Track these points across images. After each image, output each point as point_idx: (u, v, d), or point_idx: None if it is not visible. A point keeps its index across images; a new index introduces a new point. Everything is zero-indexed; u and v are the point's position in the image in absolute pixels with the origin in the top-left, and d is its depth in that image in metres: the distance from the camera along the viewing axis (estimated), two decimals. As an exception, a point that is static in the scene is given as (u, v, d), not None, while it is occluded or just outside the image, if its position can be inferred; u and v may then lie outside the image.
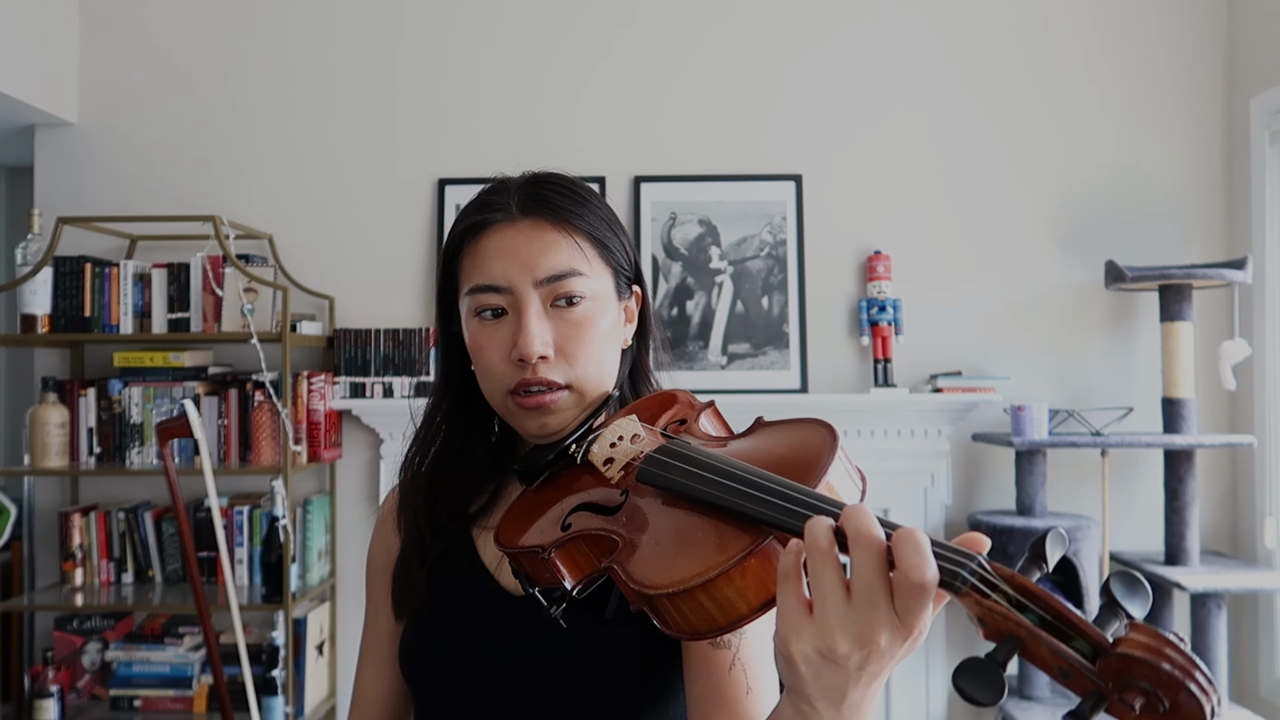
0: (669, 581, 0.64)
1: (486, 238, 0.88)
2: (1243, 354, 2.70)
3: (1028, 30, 3.02)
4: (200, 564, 2.82)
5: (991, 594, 0.53)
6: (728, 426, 0.88)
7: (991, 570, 0.54)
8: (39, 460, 2.69)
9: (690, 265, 2.99)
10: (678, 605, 0.64)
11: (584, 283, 0.87)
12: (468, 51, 3.05)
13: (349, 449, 3.00)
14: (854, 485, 0.69)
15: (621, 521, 0.75)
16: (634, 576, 0.68)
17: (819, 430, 0.72)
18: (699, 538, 0.67)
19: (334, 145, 3.04)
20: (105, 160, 3.04)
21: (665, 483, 0.72)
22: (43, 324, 2.71)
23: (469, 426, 0.98)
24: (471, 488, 0.99)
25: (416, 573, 0.95)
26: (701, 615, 0.64)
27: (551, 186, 0.90)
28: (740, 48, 3.04)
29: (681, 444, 0.76)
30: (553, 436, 0.88)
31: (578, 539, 0.76)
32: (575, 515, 0.78)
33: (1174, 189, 3.01)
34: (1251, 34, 2.91)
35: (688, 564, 0.65)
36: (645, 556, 0.69)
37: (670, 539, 0.69)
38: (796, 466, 0.68)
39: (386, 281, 3.01)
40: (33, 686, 2.70)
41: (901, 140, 3.02)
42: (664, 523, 0.71)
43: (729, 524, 0.66)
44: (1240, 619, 2.91)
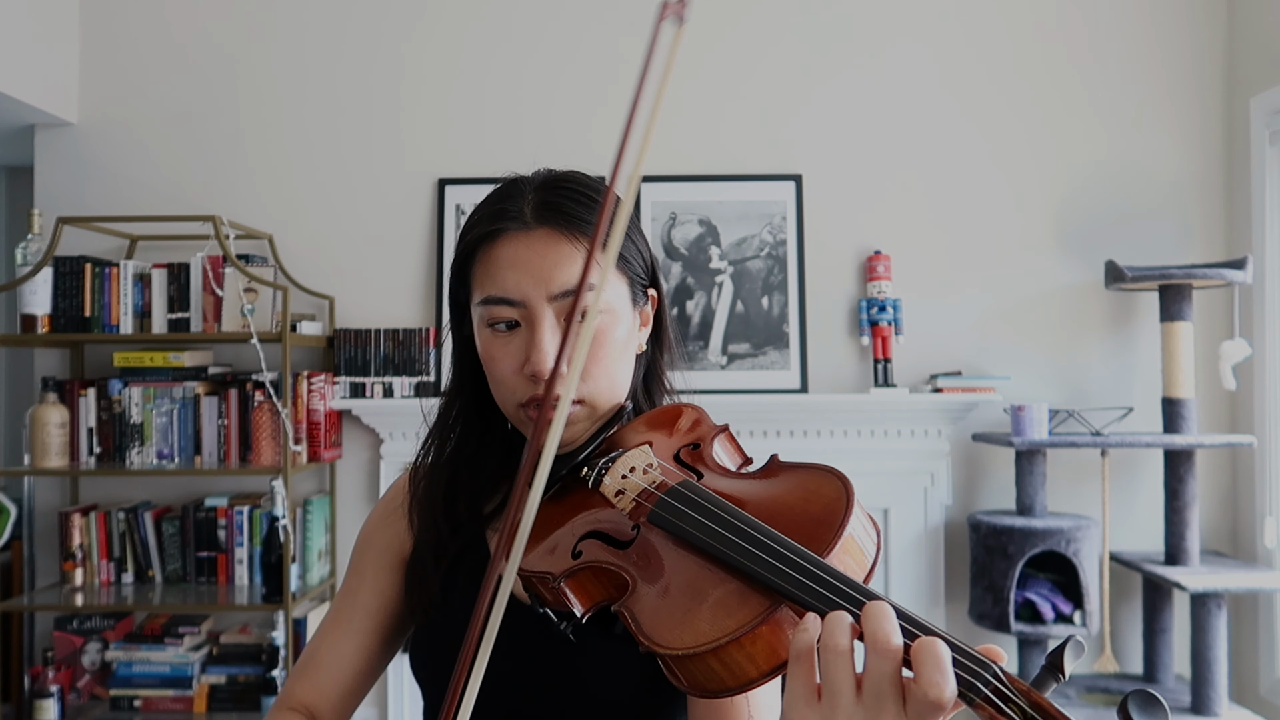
0: (679, 644, 0.64)
1: (499, 246, 0.86)
2: (1243, 354, 2.70)
3: (1028, 30, 3.02)
4: (200, 564, 2.82)
5: (1006, 708, 0.53)
6: (742, 452, 0.87)
7: (1008, 683, 0.54)
8: (39, 460, 2.69)
9: (690, 265, 2.99)
10: (685, 666, 0.64)
11: (599, 296, 0.85)
12: (467, 52, 3.05)
13: (349, 449, 3.00)
14: (869, 537, 0.69)
15: (633, 559, 0.74)
16: (644, 629, 0.67)
17: (835, 484, 0.71)
18: (711, 595, 0.66)
19: (334, 145, 3.04)
20: (105, 160, 3.04)
21: (677, 530, 0.71)
22: (43, 324, 2.71)
23: (484, 426, 0.97)
24: (487, 489, 0.98)
25: (432, 575, 0.94)
26: (710, 676, 0.63)
27: (565, 192, 0.87)
28: (741, 49, 3.04)
29: (695, 489, 0.75)
30: (565, 448, 0.88)
31: (588, 569, 0.75)
32: (586, 543, 0.77)
33: (1174, 189, 3.01)
34: (1251, 34, 2.91)
35: (699, 625, 0.64)
36: (655, 608, 0.68)
37: (681, 591, 0.68)
38: (814, 524, 0.68)
39: (386, 281, 3.01)
40: (33, 686, 2.71)
41: (901, 140, 3.02)
42: (676, 570, 0.70)
43: (742, 583, 0.65)
44: (1240, 619, 2.91)
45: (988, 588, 2.66)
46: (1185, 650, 2.73)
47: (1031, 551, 2.59)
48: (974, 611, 2.72)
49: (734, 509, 0.71)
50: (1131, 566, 2.74)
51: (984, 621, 2.67)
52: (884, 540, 2.92)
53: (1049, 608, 2.64)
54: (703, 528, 0.70)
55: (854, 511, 0.67)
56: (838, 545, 0.64)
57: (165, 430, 2.77)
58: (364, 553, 1.02)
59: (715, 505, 0.71)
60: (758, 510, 0.71)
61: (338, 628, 1.00)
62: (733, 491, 0.77)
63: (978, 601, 2.70)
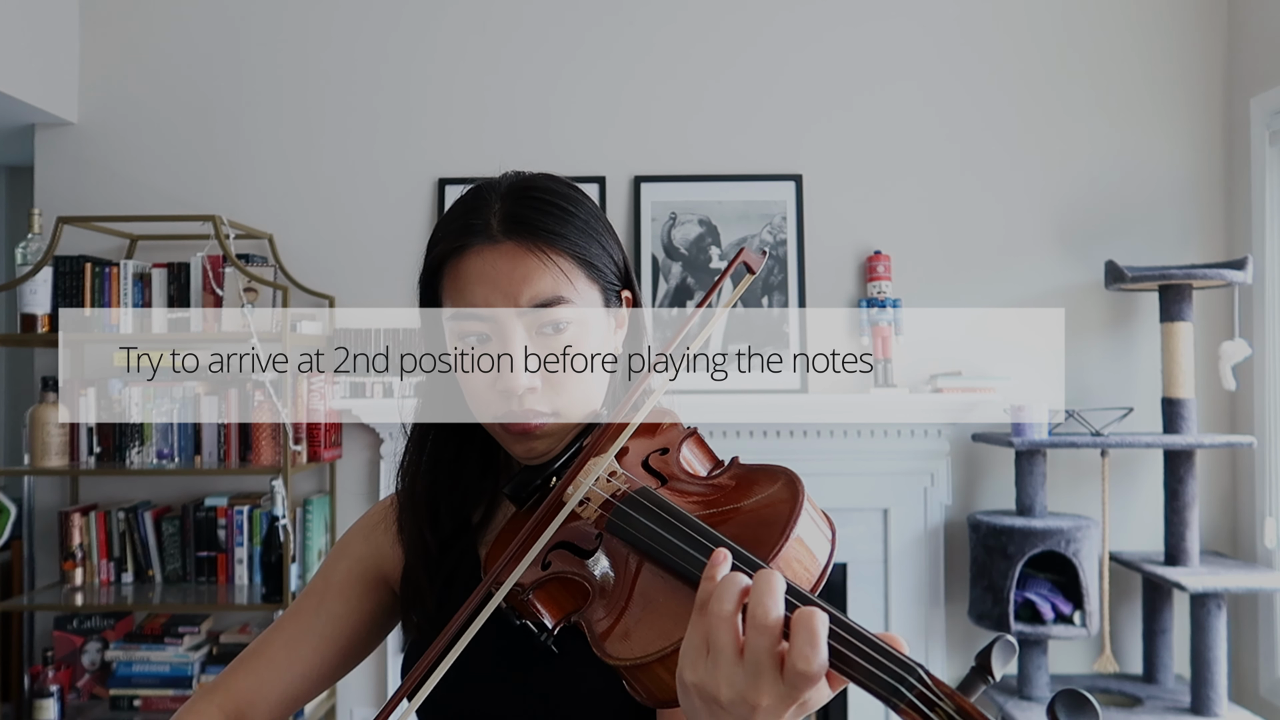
0: (627, 654, 0.65)
1: (467, 261, 0.85)
2: (1243, 354, 2.70)
3: (1028, 30, 3.02)
4: (200, 564, 2.82)
5: (930, 713, 0.53)
6: (712, 456, 0.87)
7: (934, 687, 0.53)
8: (39, 460, 2.69)
9: (690, 265, 2.99)
10: (636, 675, 0.64)
11: (569, 309, 0.85)
12: (468, 51, 3.05)
13: (349, 449, 3.00)
14: (823, 535, 0.69)
15: (593, 568, 0.74)
16: (596, 639, 0.68)
17: (784, 486, 0.71)
18: (659, 603, 0.67)
19: (334, 145, 3.04)
20: (105, 160, 3.04)
21: (631, 539, 0.72)
22: (43, 324, 2.71)
23: (461, 435, 0.95)
24: (470, 497, 0.96)
25: (426, 592, 0.92)
26: (660, 686, 0.64)
27: (532, 202, 0.86)
28: (741, 48, 3.04)
29: (650, 496, 0.75)
30: (541, 459, 0.88)
31: (555, 580, 0.76)
32: (555, 553, 0.78)
33: (1174, 189, 3.01)
34: (1251, 34, 2.91)
35: (646, 634, 0.65)
36: (608, 618, 0.69)
37: (634, 600, 0.69)
38: (763, 525, 0.68)
39: (386, 281, 3.01)
40: (33, 686, 2.71)
41: (902, 140, 3.02)
42: (630, 578, 0.71)
43: (690, 589, 0.65)
44: (1240, 619, 2.91)
45: (987, 588, 2.66)
46: (1185, 650, 2.73)
47: (1031, 551, 2.59)
48: (974, 612, 2.72)
49: (684, 515, 0.71)
50: (1131, 567, 2.74)
51: (984, 621, 2.67)
52: (884, 540, 2.93)
53: (1049, 608, 2.64)
54: (652, 534, 0.70)
55: (801, 513, 0.67)
56: (784, 548, 0.64)
57: (165, 430, 2.77)
58: (339, 560, 1.00)
59: (666, 512, 0.72)
60: (710, 516, 0.72)
61: (297, 626, 0.95)
62: (691, 495, 0.77)
63: (977, 601, 2.70)
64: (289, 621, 0.96)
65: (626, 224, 3.00)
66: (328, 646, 0.95)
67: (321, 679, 0.95)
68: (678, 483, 0.80)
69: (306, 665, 0.94)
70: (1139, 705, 2.61)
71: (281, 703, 0.93)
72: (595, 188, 2.99)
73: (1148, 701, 2.62)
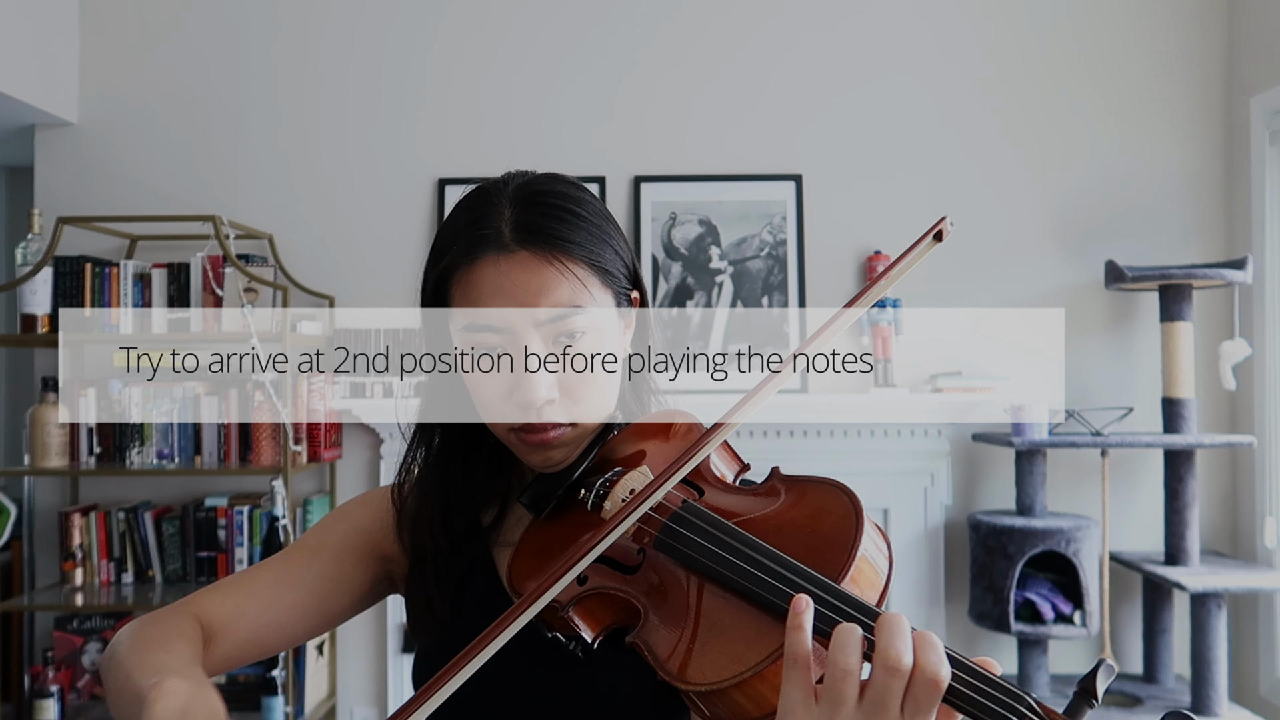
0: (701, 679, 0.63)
1: (479, 271, 0.82)
2: (1243, 354, 2.70)
3: (1028, 30, 3.02)
4: (200, 564, 2.82)
5: None
6: (739, 459, 0.85)
7: (1043, 714, 0.54)
8: (39, 460, 2.69)
9: (690, 265, 2.99)
10: (708, 699, 0.63)
11: (585, 317, 0.83)
12: (468, 51, 3.05)
13: (349, 449, 3.00)
14: (882, 553, 0.67)
15: (642, 586, 0.72)
16: (663, 663, 0.66)
17: (842, 501, 0.69)
18: (728, 626, 0.65)
19: (334, 145, 3.04)
20: (105, 160, 3.04)
21: (686, 558, 0.70)
22: (43, 324, 2.71)
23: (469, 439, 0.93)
24: (480, 498, 0.94)
25: (437, 597, 0.89)
26: (733, 709, 0.62)
27: (544, 208, 0.83)
28: (741, 48, 3.04)
29: (698, 512, 0.73)
30: (557, 468, 0.86)
31: (595, 596, 0.74)
32: (592, 567, 0.74)
33: (1174, 189, 3.01)
34: (1251, 34, 2.91)
35: (719, 659, 0.63)
36: (671, 640, 0.67)
37: (697, 622, 0.67)
38: (825, 544, 0.66)
39: (386, 281, 3.01)
40: (33, 686, 2.71)
41: (902, 140, 3.02)
42: (688, 599, 0.69)
43: (759, 612, 0.64)
44: (1240, 619, 2.91)
45: (988, 588, 2.66)
46: (1185, 650, 2.73)
47: (1031, 551, 2.59)
48: (974, 611, 2.72)
49: (740, 533, 0.69)
50: (1131, 566, 2.74)
51: (984, 621, 2.67)
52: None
53: (1049, 608, 2.64)
54: (711, 555, 0.68)
55: (865, 529, 0.66)
56: (852, 568, 0.63)
57: (165, 430, 2.76)
58: (339, 522, 0.96)
59: (720, 530, 0.70)
60: (765, 531, 0.70)
61: (285, 571, 0.91)
62: (737, 510, 0.75)
63: (978, 601, 2.70)
64: (277, 564, 0.92)
65: (626, 224, 3.00)
66: (310, 602, 0.91)
67: (293, 634, 0.91)
68: (716, 494, 0.78)
69: (283, 614, 0.89)
70: (1139, 705, 2.61)
71: (250, 640, 0.88)
72: (595, 188, 2.99)
73: (1148, 701, 2.62)
